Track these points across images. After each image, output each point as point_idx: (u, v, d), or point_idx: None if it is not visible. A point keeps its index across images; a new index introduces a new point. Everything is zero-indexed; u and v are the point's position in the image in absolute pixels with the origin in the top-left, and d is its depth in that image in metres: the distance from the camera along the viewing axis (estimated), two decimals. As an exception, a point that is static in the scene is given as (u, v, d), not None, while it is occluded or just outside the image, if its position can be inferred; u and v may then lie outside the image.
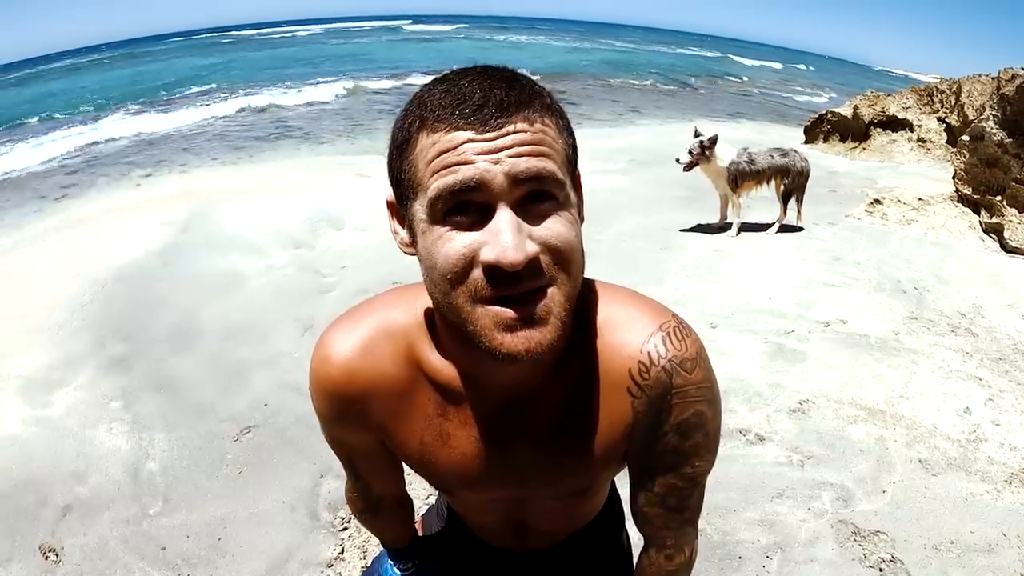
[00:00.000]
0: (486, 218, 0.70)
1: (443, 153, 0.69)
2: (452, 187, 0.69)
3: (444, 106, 0.71)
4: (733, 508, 2.73)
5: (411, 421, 0.92)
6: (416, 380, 0.90)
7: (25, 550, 2.67)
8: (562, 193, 0.73)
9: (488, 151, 0.68)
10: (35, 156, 12.45)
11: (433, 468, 0.96)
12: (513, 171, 0.69)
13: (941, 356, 4.00)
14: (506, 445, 0.91)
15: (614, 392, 0.86)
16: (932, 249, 6.07)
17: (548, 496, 1.02)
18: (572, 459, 0.91)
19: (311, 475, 2.99)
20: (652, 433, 0.87)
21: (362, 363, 0.89)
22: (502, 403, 0.89)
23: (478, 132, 0.69)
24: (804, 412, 3.37)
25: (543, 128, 0.72)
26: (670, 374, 0.83)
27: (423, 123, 0.72)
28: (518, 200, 0.70)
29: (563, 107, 0.80)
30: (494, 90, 0.70)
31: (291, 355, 4.04)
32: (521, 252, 0.68)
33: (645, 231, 6.50)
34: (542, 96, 0.75)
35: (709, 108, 19.36)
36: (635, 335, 0.85)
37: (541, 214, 0.72)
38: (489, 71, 0.74)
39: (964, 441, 3.20)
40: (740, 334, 4.19)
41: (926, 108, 11.27)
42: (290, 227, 6.51)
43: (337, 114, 15.41)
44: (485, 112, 0.69)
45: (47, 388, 3.81)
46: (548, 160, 0.71)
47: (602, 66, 29.07)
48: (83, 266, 5.59)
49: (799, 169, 6.47)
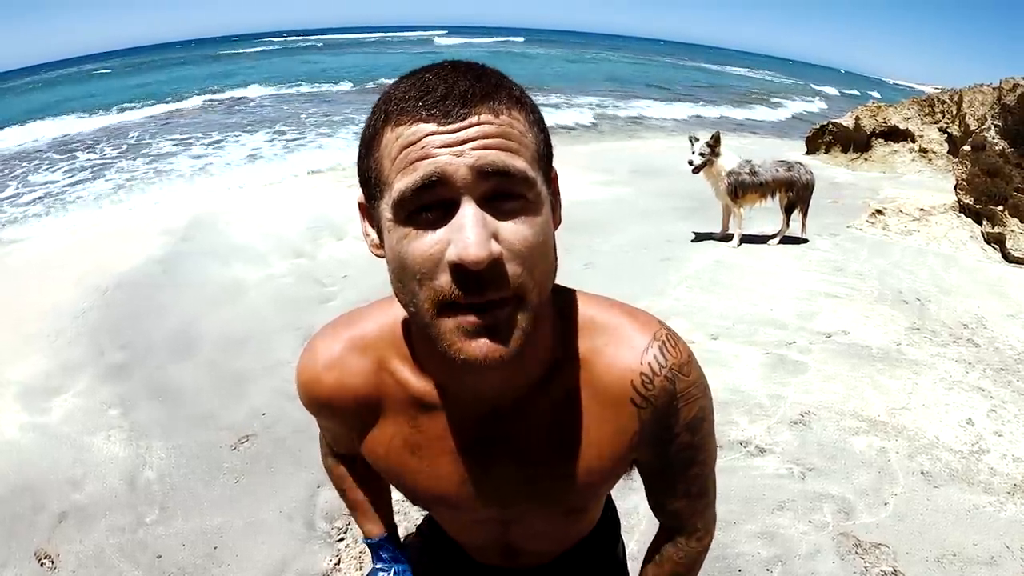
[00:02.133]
0: (450, 215, 0.67)
1: (406, 148, 0.67)
2: (415, 185, 0.66)
3: (408, 99, 0.68)
4: (733, 520, 2.71)
5: (379, 431, 0.93)
6: (385, 393, 0.90)
7: (21, 556, 2.65)
8: (532, 192, 0.70)
9: (451, 143, 0.66)
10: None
11: (404, 480, 0.95)
12: (477, 164, 0.66)
13: (943, 367, 3.98)
14: (486, 460, 0.90)
15: (614, 404, 0.86)
16: (934, 259, 6.07)
17: (536, 516, 0.99)
18: (567, 475, 0.89)
19: (308, 485, 2.98)
20: (664, 437, 0.89)
21: (327, 377, 0.92)
22: (481, 416, 0.87)
23: (440, 124, 0.66)
24: (805, 424, 3.36)
25: (510, 121, 0.69)
26: (672, 381, 0.85)
27: (387, 118, 0.70)
28: (484, 195, 0.67)
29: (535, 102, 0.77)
30: (458, 81, 0.68)
31: (290, 364, 4.01)
32: (484, 249, 0.64)
33: (647, 242, 6.50)
34: (510, 88, 0.72)
35: (711, 122, 19.36)
36: (631, 348, 0.85)
37: (508, 213, 0.68)
38: (456, 64, 0.72)
39: (967, 452, 3.18)
40: (741, 345, 4.17)
41: (927, 118, 11.27)
42: (291, 236, 6.52)
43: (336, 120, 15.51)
44: (448, 103, 0.66)
45: (45, 394, 3.81)
46: (515, 156, 0.68)
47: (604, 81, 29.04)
48: (84, 272, 5.60)
49: (804, 182, 6.44)
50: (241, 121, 16.49)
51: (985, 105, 9.19)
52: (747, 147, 12.71)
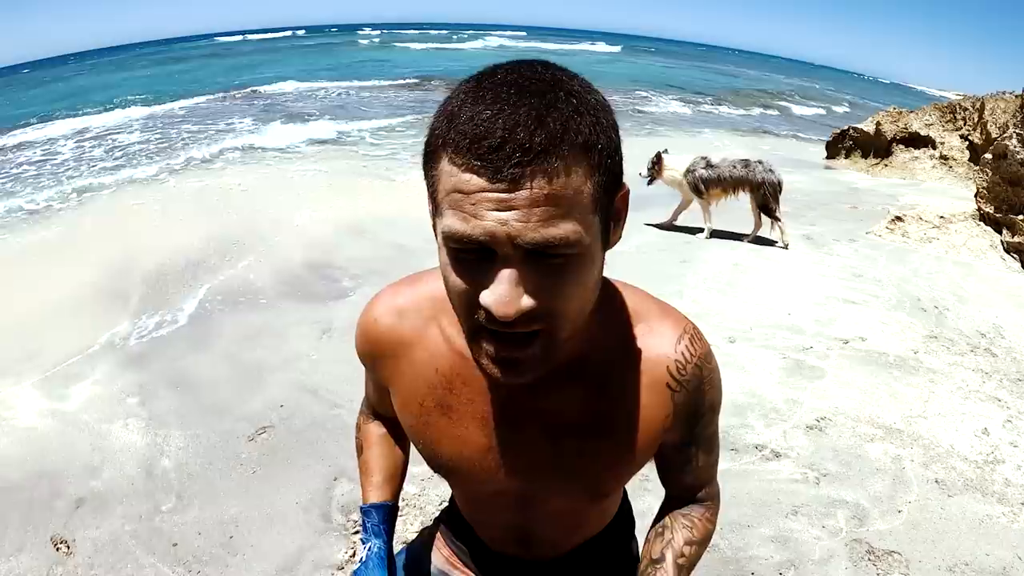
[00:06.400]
0: (494, 265, 0.69)
1: (456, 192, 0.67)
2: (459, 236, 0.68)
3: (464, 135, 0.66)
4: (747, 524, 2.71)
5: (417, 387, 0.98)
6: (430, 348, 0.97)
7: (37, 541, 2.68)
8: (576, 248, 0.69)
9: (498, 206, 0.65)
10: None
11: (431, 440, 0.99)
12: (520, 239, 0.66)
13: (960, 376, 3.97)
14: (515, 431, 0.94)
15: (650, 388, 0.93)
16: (953, 268, 6.03)
17: (557, 496, 1.01)
18: (596, 452, 0.94)
19: (325, 477, 3.00)
20: (693, 419, 0.98)
21: (384, 320, 1.01)
22: (515, 389, 0.89)
23: (491, 181, 0.65)
24: (821, 429, 3.35)
25: (566, 182, 0.66)
26: (700, 368, 0.95)
27: (445, 144, 0.69)
28: (524, 256, 0.68)
29: (612, 115, 0.74)
30: (518, 128, 0.64)
31: (308, 357, 4.05)
32: (512, 308, 0.68)
33: (666, 243, 6.50)
34: (575, 133, 0.67)
35: (731, 123, 19.28)
36: (666, 338, 0.93)
37: (551, 269, 0.70)
38: (526, 89, 0.67)
39: (981, 462, 3.17)
40: (758, 349, 4.17)
41: (949, 125, 11.21)
42: (314, 229, 6.56)
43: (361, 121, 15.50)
44: (500, 157, 0.64)
45: (65, 381, 3.85)
46: (564, 222, 0.67)
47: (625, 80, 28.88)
48: (112, 256, 5.66)
49: (759, 180, 6.47)
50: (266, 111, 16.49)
51: (1007, 113, 9.13)
52: (765, 150, 12.67)
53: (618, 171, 0.75)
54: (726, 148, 11.98)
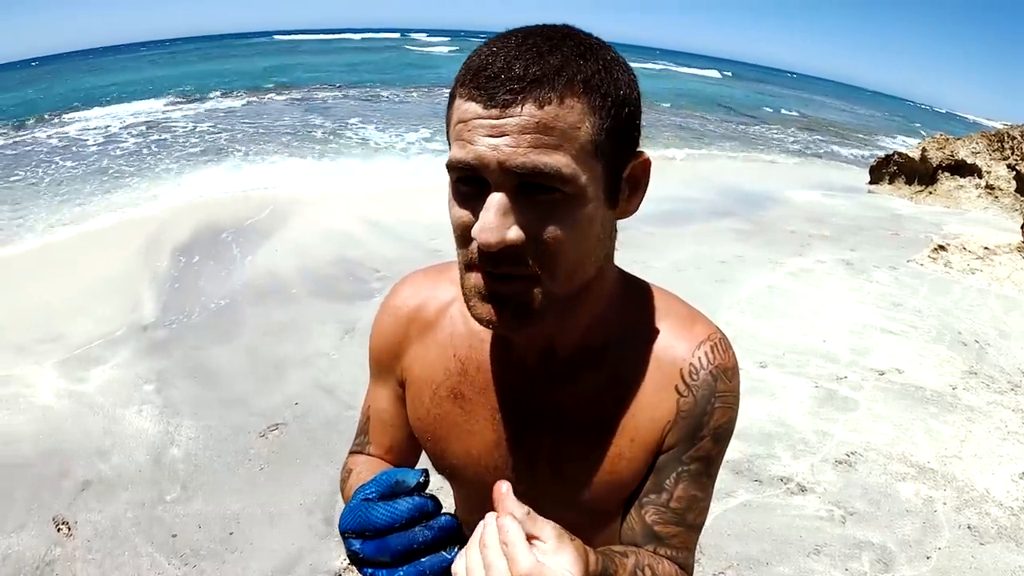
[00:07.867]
0: (485, 194, 0.70)
1: (459, 123, 0.70)
2: (457, 163, 0.70)
3: (471, 68, 0.70)
4: (765, 561, 2.60)
5: (432, 372, 0.97)
6: (448, 329, 0.96)
7: (39, 519, 2.68)
8: (569, 186, 0.69)
9: (490, 132, 0.67)
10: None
11: (440, 434, 0.97)
12: (508, 163, 0.67)
13: (999, 415, 3.81)
14: (523, 427, 0.92)
15: (658, 388, 0.88)
16: (995, 301, 5.84)
17: (556, 505, 0.91)
18: (597, 456, 0.90)
19: (332, 480, 2.94)
20: (692, 434, 0.89)
21: (409, 298, 1.00)
22: (528, 377, 0.90)
23: (485, 107, 0.67)
24: (851, 464, 3.22)
25: (557, 112, 0.67)
26: (716, 378, 0.88)
27: (458, 81, 0.72)
28: (516, 186, 0.69)
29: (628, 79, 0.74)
30: (517, 60, 0.67)
31: (329, 356, 4.02)
32: (495, 235, 0.68)
33: (701, 262, 6.39)
34: (576, 70, 0.68)
35: (780, 145, 19.06)
36: (687, 340, 0.89)
37: (540, 205, 0.70)
38: (532, 35, 0.70)
39: (1017, 509, 3.03)
40: (790, 376, 4.04)
41: (996, 154, 10.95)
42: (342, 229, 6.55)
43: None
44: (495, 86, 0.67)
45: (85, 364, 3.87)
46: (552, 152, 0.67)
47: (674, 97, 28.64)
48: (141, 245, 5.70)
49: None
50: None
51: (1059, 144, 8.88)
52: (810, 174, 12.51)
53: (631, 127, 0.75)
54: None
